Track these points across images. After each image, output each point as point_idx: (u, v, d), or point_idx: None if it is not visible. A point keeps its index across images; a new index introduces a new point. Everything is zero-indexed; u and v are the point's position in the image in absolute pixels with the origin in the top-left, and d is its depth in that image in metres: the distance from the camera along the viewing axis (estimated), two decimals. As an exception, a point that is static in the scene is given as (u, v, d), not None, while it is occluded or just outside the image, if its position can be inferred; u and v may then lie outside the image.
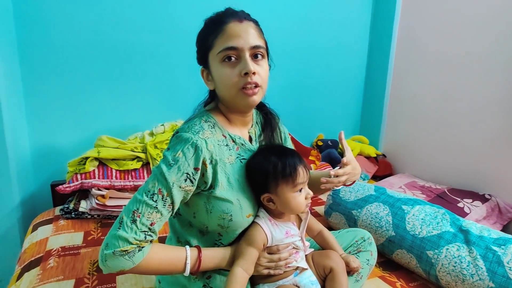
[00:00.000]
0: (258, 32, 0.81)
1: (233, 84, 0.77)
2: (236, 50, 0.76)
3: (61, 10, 1.59)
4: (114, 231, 0.69)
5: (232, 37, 0.76)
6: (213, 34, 0.79)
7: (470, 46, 1.80)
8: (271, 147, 0.88)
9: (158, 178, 0.72)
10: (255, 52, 0.79)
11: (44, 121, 1.67)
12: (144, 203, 0.70)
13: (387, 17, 2.25)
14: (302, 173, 0.81)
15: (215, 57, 0.78)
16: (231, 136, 0.84)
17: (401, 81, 2.23)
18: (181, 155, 0.73)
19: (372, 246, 1.02)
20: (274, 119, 0.98)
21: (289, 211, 0.84)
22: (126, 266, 0.68)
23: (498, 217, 1.65)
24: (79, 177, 1.50)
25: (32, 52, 1.58)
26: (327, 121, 2.41)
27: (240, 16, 0.79)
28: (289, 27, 2.11)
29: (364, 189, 1.49)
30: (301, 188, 0.82)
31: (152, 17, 1.76)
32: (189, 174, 0.73)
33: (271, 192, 0.81)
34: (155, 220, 0.71)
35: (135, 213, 0.69)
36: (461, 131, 1.88)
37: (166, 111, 1.82)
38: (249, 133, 0.91)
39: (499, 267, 1.01)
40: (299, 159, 0.83)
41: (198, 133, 0.76)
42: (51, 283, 1.07)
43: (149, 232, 0.70)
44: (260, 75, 0.79)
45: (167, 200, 0.72)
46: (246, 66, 0.76)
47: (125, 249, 0.67)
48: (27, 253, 1.26)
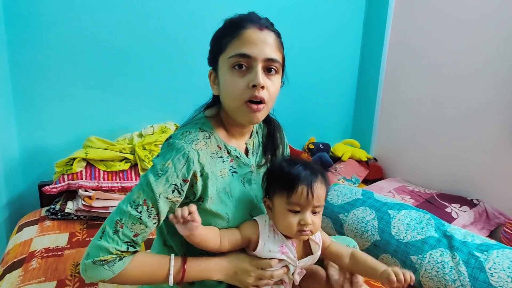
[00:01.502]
0: (277, 44, 0.76)
1: (238, 95, 0.72)
2: (248, 59, 0.71)
3: (51, 10, 1.59)
4: (96, 240, 0.67)
5: (247, 44, 0.71)
6: (228, 36, 0.73)
7: (461, 51, 1.81)
8: (305, 160, 0.79)
9: (144, 188, 0.69)
10: (269, 66, 0.73)
11: (33, 121, 1.66)
12: (127, 213, 0.68)
13: (379, 21, 2.26)
14: (300, 192, 0.71)
15: (226, 61, 0.73)
16: (226, 147, 0.80)
17: (393, 86, 2.24)
18: (170, 165, 0.69)
19: None
20: (279, 133, 0.92)
21: (278, 228, 0.76)
22: (105, 276, 0.67)
23: (485, 223, 1.65)
24: (66, 178, 1.49)
25: (21, 53, 1.57)
26: (319, 124, 2.41)
27: (261, 24, 0.74)
28: (281, 30, 2.11)
29: (351, 193, 1.50)
30: (298, 210, 0.72)
31: (143, 18, 1.76)
32: (177, 185, 0.70)
33: (270, 198, 0.76)
34: (138, 232, 0.69)
35: (117, 223, 0.68)
36: (451, 137, 1.88)
37: (155, 113, 1.82)
38: (246, 144, 0.86)
39: (481, 273, 1.01)
40: (312, 177, 0.72)
41: (191, 143, 0.72)
42: (32, 284, 1.06)
43: (131, 243, 0.69)
44: (268, 91, 0.73)
45: (152, 211, 0.69)
46: (256, 78, 0.70)
47: (105, 259, 0.66)
48: (10, 254, 1.24)
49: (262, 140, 0.91)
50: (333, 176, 2.19)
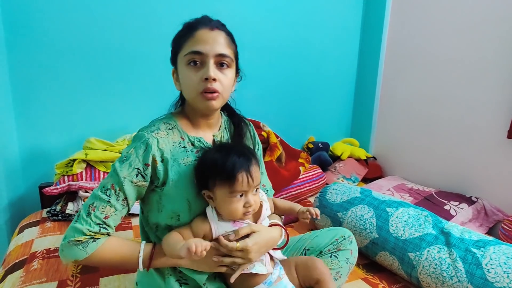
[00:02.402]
0: (228, 42, 0.83)
1: (194, 87, 0.80)
2: (201, 55, 0.79)
3: (50, 12, 1.60)
4: (73, 223, 0.75)
5: (199, 42, 0.79)
6: (183, 37, 0.81)
7: (459, 50, 1.82)
8: (226, 145, 0.84)
9: (112, 174, 0.78)
10: (220, 60, 0.81)
11: (33, 123, 1.67)
12: (98, 197, 0.75)
13: (377, 21, 2.27)
14: (241, 180, 0.76)
15: (182, 59, 0.81)
16: (190, 138, 0.86)
17: (391, 85, 2.25)
18: (133, 151, 0.78)
19: (352, 244, 1.01)
20: (245, 127, 0.99)
21: (224, 214, 0.80)
22: (79, 255, 0.73)
23: (484, 220, 1.66)
24: (67, 179, 1.51)
25: (20, 55, 1.59)
26: (318, 123, 2.42)
27: (212, 25, 0.82)
28: (280, 30, 2.13)
29: (350, 192, 1.50)
30: (241, 194, 0.77)
31: (141, 19, 1.77)
32: (139, 169, 0.77)
33: (209, 190, 0.79)
34: (109, 214, 0.76)
35: (90, 207, 0.75)
36: (450, 135, 1.89)
37: (154, 113, 1.81)
38: (214, 136, 0.91)
39: (478, 269, 1.02)
40: (246, 163, 0.77)
41: (152, 132, 0.80)
42: (34, 285, 1.07)
43: (103, 225, 0.75)
44: (221, 83, 0.81)
45: (120, 194, 0.76)
46: (207, 72, 0.78)
47: (79, 239, 0.73)
48: (11, 255, 1.26)
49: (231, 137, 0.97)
50: (332, 175, 2.20)
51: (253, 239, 0.80)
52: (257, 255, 0.81)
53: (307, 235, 1.07)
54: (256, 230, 0.82)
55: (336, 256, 0.98)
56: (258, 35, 2.05)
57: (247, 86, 1.27)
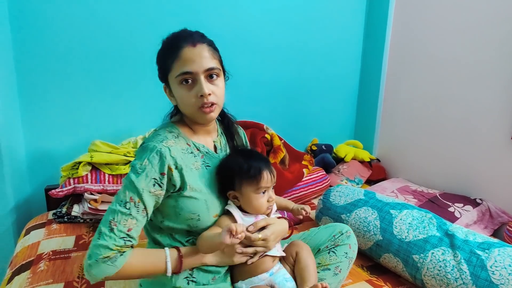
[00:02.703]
0: (211, 53, 0.86)
1: (191, 105, 0.84)
2: (191, 74, 0.83)
3: (56, 16, 1.62)
4: (95, 241, 0.74)
5: (187, 62, 0.82)
6: (170, 58, 0.85)
7: (463, 50, 1.82)
8: (242, 150, 0.97)
9: (128, 187, 0.78)
10: (209, 73, 0.84)
11: (39, 126, 1.69)
12: (118, 212, 0.76)
13: (380, 22, 2.27)
14: (266, 177, 0.89)
15: (174, 80, 0.85)
16: (195, 145, 0.90)
17: (395, 86, 2.25)
18: (147, 162, 0.79)
19: (351, 239, 1.03)
20: (232, 127, 1.05)
21: (251, 210, 0.91)
22: (109, 271, 0.73)
23: (489, 222, 1.65)
24: (72, 182, 1.52)
25: (27, 58, 1.61)
26: (322, 126, 2.42)
27: (193, 40, 0.84)
28: (283, 32, 2.13)
29: (353, 194, 1.51)
30: (264, 190, 0.89)
31: (146, 22, 1.78)
32: (156, 179, 0.80)
33: (236, 190, 0.89)
34: (132, 226, 0.77)
35: (111, 222, 0.75)
36: (454, 136, 1.89)
37: (159, 117, 1.81)
38: (214, 142, 0.97)
39: (482, 271, 1.01)
40: (266, 164, 0.91)
41: (162, 141, 0.82)
42: (40, 286, 1.08)
43: (127, 238, 0.76)
44: (215, 94, 0.85)
45: (140, 206, 0.78)
46: (201, 89, 0.82)
47: (107, 255, 0.73)
48: (18, 257, 1.27)
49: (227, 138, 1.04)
50: (336, 177, 2.19)
51: (271, 229, 0.90)
52: (274, 243, 0.91)
53: (306, 234, 1.11)
54: (271, 222, 0.92)
55: (334, 251, 1.01)
56: (260, 37, 2.06)
57: (250, 89, 1.29)
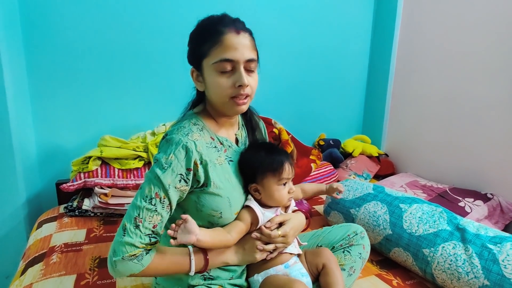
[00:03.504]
0: (253, 44, 0.83)
1: (225, 93, 0.80)
2: (232, 62, 0.79)
3: (66, 13, 1.63)
4: (120, 238, 0.72)
5: (229, 49, 0.78)
6: (209, 42, 0.79)
7: (472, 45, 1.79)
8: (262, 144, 0.95)
9: (153, 182, 0.75)
10: (249, 65, 0.81)
11: (50, 121, 1.71)
12: (143, 208, 0.73)
13: (389, 16, 2.25)
14: (287, 169, 0.88)
15: (210, 66, 0.80)
16: (218, 138, 0.88)
17: (403, 81, 2.22)
18: (173, 157, 0.76)
19: (365, 239, 1.02)
20: (254, 119, 1.02)
21: (272, 202, 0.90)
22: (136, 269, 0.72)
23: (500, 216, 1.63)
24: (83, 176, 1.54)
25: (37, 54, 1.63)
26: (329, 120, 2.41)
27: (237, 27, 0.80)
28: (292, 27, 2.12)
29: (362, 188, 1.50)
30: (285, 182, 0.89)
31: (155, 18, 1.79)
32: (182, 174, 0.77)
33: (257, 183, 0.88)
34: (157, 223, 0.75)
35: (136, 219, 0.73)
36: (463, 131, 1.86)
37: (167, 111, 1.83)
38: (236, 135, 0.95)
39: (494, 265, 1.00)
40: (286, 156, 0.90)
41: (187, 135, 0.79)
42: (53, 278, 1.10)
43: (153, 235, 0.75)
44: (251, 87, 0.82)
45: (165, 201, 0.75)
46: (241, 79, 0.79)
47: (134, 253, 0.72)
48: (31, 249, 1.29)
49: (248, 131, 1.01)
50: (344, 172, 2.19)
51: (289, 225, 0.89)
52: (293, 238, 0.90)
53: (319, 232, 1.09)
54: (288, 218, 0.91)
55: (348, 251, 0.99)
56: (269, 33, 2.05)
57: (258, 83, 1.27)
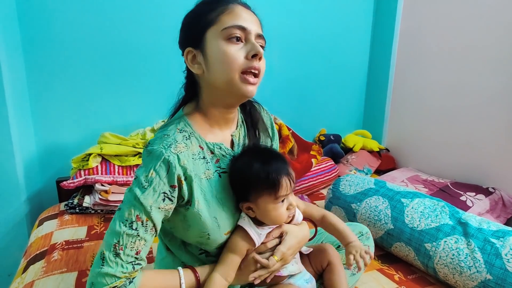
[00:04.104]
0: (260, 24, 0.77)
1: (236, 65, 0.69)
2: (244, 31, 0.70)
3: (64, 10, 1.62)
4: (97, 268, 0.64)
5: (241, 18, 0.70)
6: (217, 10, 0.71)
7: (473, 39, 1.77)
8: (256, 151, 0.80)
9: (133, 203, 0.66)
10: (259, 43, 0.73)
11: (49, 119, 1.70)
12: (123, 234, 0.65)
13: (389, 10, 2.23)
14: (285, 185, 0.74)
15: (219, 33, 0.70)
16: (209, 147, 0.76)
17: (404, 75, 2.21)
18: (154, 174, 0.67)
19: (370, 240, 1.01)
20: (256, 112, 0.90)
21: (269, 222, 0.78)
22: None
23: (502, 211, 1.63)
24: (83, 173, 1.53)
25: (36, 52, 1.61)
26: (330, 116, 2.40)
27: (246, 5, 0.75)
28: (292, 22, 2.11)
29: (364, 183, 1.49)
30: (284, 199, 0.76)
31: (153, 15, 1.78)
32: (166, 193, 0.68)
33: (250, 201, 0.76)
34: (140, 248, 0.66)
35: (116, 247, 0.64)
36: (465, 125, 1.85)
37: (167, 108, 1.82)
38: (232, 136, 0.83)
39: (497, 259, 1.00)
40: (285, 167, 0.75)
41: (170, 147, 0.69)
42: (55, 275, 1.10)
43: (136, 262, 0.66)
44: (263, 64, 0.74)
45: (148, 224, 0.67)
46: (256, 47, 0.69)
47: (115, 285, 0.63)
48: (32, 247, 1.29)
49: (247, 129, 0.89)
50: (344, 167, 2.18)
51: (286, 244, 0.78)
52: (292, 257, 0.81)
53: (323, 230, 1.07)
54: (287, 231, 0.80)
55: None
56: (269, 27, 2.00)
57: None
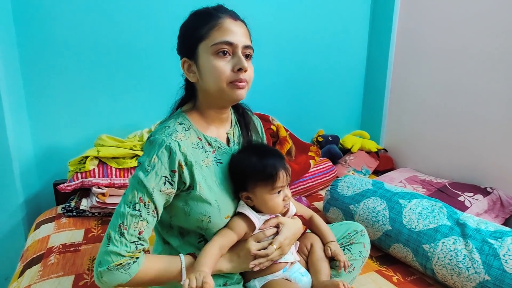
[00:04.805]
0: (248, 33, 0.83)
1: (223, 78, 0.77)
2: (231, 46, 0.77)
3: (60, 11, 1.61)
4: (104, 247, 0.70)
5: (229, 32, 0.77)
6: (207, 25, 0.78)
7: (470, 39, 1.77)
8: (255, 146, 0.89)
9: (136, 187, 0.73)
10: (246, 52, 0.80)
11: (46, 122, 1.70)
12: (128, 214, 0.71)
13: (386, 11, 2.23)
14: (282, 177, 0.82)
15: (208, 48, 0.78)
16: (206, 138, 0.84)
17: (402, 75, 2.21)
18: (156, 159, 0.73)
19: (365, 238, 1.03)
20: (248, 116, 0.99)
21: (266, 211, 0.86)
22: (122, 279, 0.70)
23: (500, 211, 1.63)
24: (80, 176, 1.53)
25: (32, 54, 1.61)
26: (328, 116, 2.40)
27: (234, 15, 0.81)
28: (289, 22, 2.10)
29: (361, 184, 1.49)
30: (280, 190, 0.83)
31: (151, 16, 1.77)
32: (167, 177, 0.74)
33: (249, 191, 0.83)
34: (143, 229, 0.72)
35: (121, 227, 0.71)
36: (463, 125, 1.85)
37: (164, 110, 1.82)
38: (227, 134, 0.91)
39: (495, 260, 1.00)
40: (281, 161, 0.84)
41: (171, 135, 0.76)
42: (52, 279, 1.09)
43: (139, 242, 0.72)
44: (249, 74, 0.81)
45: (150, 206, 0.73)
46: (241, 62, 0.77)
47: (120, 263, 0.69)
48: (29, 251, 1.29)
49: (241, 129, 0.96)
50: (343, 168, 2.18)
51: (283, 234, 0.85)
52: (289, 247, 0.86)
53: None
54: (283, 222, 0.87)
55: (349, 249, 1.00)
56: (266, 28, 2.03)
57: (255, 80, 1.27)
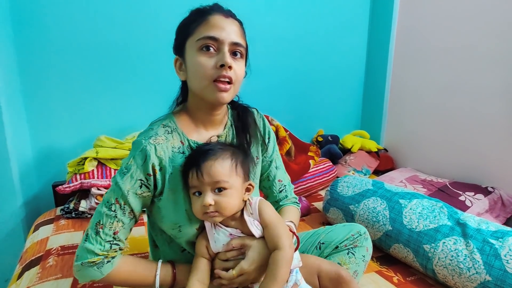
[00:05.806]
0: (241, 31, 0.80)
1: (206, 75, 0.74)
2: (216, 41, 0.74)
3: (58, 12, 1.61)
4: (82, 243, 0.72)
5: (214, 28, 0.74)
6: (195, 22, 0.76)
7: (470, 39, 1.76)
8: (208, 144, 0.80)
9: (113, 188, 0.74)
10: (234, 49, 0.76)
11: (44, 123, 1.69)
12: (104, 214, 0.73)
13: (386, 10, 2.22)
14: (193, 176, 0.73)
15: (193, 44, 0.75)
16: (190, 143, 0.80)
17: (402, 75, 2.20)
18: (132, 162, 0.74)
19: (368, 241, 1.00)
20: (247, 116, 0.91)
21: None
22: (95, 276, 0.72)
23: (501, 210, 1.62)
24: (79, 177, 1.52)
25: (30, 56, 1.60)
26: (327, 116, 2.39)
27: (226, 12, 0.78)
28: (288, 21, 2.10)
29: (362, 184, 1.48)
30: (197, 191, 0.74)
31: (149, 17, 1.77)
32: (142, 180, 0.74)
33: (187, 188, 0.78)
34: (118, 229, 0.73)
35: (97, 225, 0.72)
36: (463, 124, 1.84)
37: (162, 111, 1.82)
38: (219, 137, 0.85)
39: (496, 260, 0.99)
40: (203, 157, 0.73)
41: (150, 138, 0.75)
42: (50, 281, 1.09)
43: (114, 241, 0.73)
44: (235, 72, 0.76)
45: (126, 208, 0.74)
46: (224, 58, 0.73)
47: (93, 261, 0.71)
48: (28, 253, 1.28)
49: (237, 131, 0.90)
50: (343, 168, 2.17)
51: (248, 260, 0.73)
52: (260, 275, 0.75)
53: (321, 230, 1.05)
54: (249, 245, 0.75)
55: (353, 253, 0.96)
56: (264, 27, 2.03)
57: (254, 80, 1.27)
